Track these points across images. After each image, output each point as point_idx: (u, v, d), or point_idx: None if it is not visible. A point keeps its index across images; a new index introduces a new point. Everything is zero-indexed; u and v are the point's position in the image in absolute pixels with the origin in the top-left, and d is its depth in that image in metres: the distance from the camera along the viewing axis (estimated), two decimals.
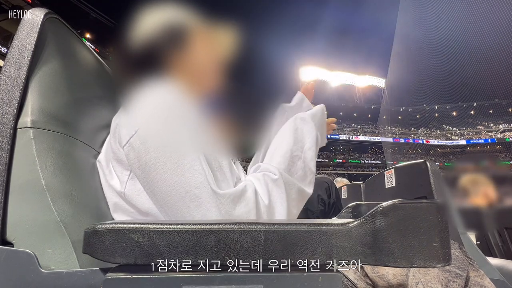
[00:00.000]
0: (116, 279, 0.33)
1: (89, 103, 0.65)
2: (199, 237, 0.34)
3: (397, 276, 0.63)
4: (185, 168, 0.50)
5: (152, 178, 0.51)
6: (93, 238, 0.34)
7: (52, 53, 0.56)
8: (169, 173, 0.50)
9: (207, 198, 0.49)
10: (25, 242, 0.45)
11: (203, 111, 0.59)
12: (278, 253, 0.34)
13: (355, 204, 0.60)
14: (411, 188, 1.26)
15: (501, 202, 1.38)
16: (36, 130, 0.50)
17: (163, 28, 0.64)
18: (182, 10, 0.68)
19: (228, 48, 0.69)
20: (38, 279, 0.41)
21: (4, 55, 14.43)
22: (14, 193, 0.47)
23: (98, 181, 0.60)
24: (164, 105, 0.53)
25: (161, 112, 0.52)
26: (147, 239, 0.34)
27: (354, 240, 0.34)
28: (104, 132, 0.66)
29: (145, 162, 0.51)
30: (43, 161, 0.49)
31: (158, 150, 0.50)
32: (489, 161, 1.48)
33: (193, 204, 0.49)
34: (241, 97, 0.65)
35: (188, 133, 0.53)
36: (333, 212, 2.12)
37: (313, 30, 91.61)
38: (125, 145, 0.53)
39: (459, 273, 0.60)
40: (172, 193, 0.50)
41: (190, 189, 0.49)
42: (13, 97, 0.49)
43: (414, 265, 0.33)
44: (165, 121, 0.52)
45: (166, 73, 0.63)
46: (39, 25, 0.53)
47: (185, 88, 0.62)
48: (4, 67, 0.50)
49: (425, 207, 0.34)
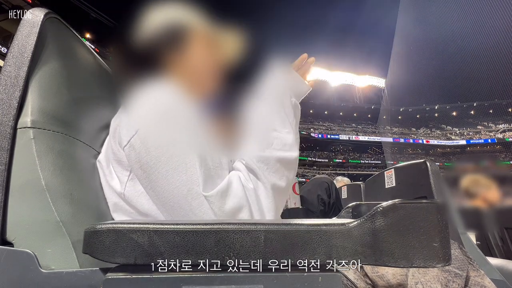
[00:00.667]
0: (116, 279, 0.33)
1: (89, 103, 0.65)
2: (199, 237, 0.34)
3: (397, 276, 0.63)
4: (187, 166, 0.50)
5: (154, 177, 0.51)
6: (93, 238, 0.34)
7: (52, 53, 0.56)
8: (170, 172, 0.50)
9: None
10: (25, 242, 0.45)
11: (202, 111, 0.59)
12: (278, 253, 0.34)
13: (355, 204, 0.60)
14: (411, 188, 1.26)
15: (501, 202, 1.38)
16: (36, 130, 0.50)
17: (166, 28, 0.64)
18: (186, 11, 0.67)
19: (231, 52, 0.68)
20: (38, 279, 0.41)
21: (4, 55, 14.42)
22: (14, 193, 0.47)
23: (98, 181, 0.60)
24: (164, 105, 0.53)
25: (160, 112, 0.53)
26: (147, 239, 0.34)
27: (354, 240, 0.34)
28: (104, 132, 0.66)
29: (146, 162, 0.51)
30: (43, 161, 0.49)
31: (159, 150, 0.51)
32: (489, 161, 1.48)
33: (196, 202, 0.49)
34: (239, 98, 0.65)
35: (188, 132, 0.53)
36: (333, 212, 2.12)
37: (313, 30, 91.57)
38: (126, 146, 0.53)
39: (458, 273, 0.60)
40: (174, 191, 0.50)
41: (192, 186, 0.50)
42: (13, 97, 0.49)
43: (414, 265, 0.33)
44: (165, 120, 0.52)
45: (166, 73, 0.63)
46: (39, 25, 0.53)
47: (184, 88, 0.62)
48: (4, 67, 0.50)
49: (425, 207, 0.34)
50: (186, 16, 0.67)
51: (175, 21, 0.66)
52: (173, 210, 0.51)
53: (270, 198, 0.55)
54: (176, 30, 0.65)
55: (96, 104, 0.68)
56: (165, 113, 0.53)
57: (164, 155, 0.50)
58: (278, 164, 0.57)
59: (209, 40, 0.68)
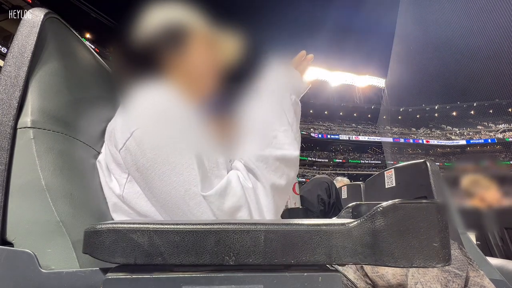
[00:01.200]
0: (116, 279, 0.33)
1: (89, 103, 0.65)
2: (199, 237, 0.34)
3: (397, 276, 0.63)
4: (183, 167, 0.50)
5: (151, 179, 0.51)
6: (93, 238, 0.34)
7: (52, 53, 0.56)
8: (167, 173, 0.50)
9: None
10: (25, 242, 0.45)
11: (200, 111, 0.59)
12: (278, 253, 0.34)
13: (355, 204, 0.60)
14: (411, 188, 1.26)
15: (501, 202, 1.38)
16: (36, 130, 0.50)
17: (165, 28, 0.64)
18: (186, 12, 0.67)
19: (230, 54, 0.68)
20: (38, 279, 0.41)
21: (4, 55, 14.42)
22: (14, 193, 0.47)
23: (98, 181, 0.60)
24: (159, 106, 0.53)
25: (155, 113, 0.52)
26: (147, 239, 0.34)
27: (354, 240, 0.34)
28: (104, 132, 0.66)
29: (142, 164, 0.51)
30: (43, 161, 0.49)
31: (154, 151, 0.51)
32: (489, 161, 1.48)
33: (193, 202, 0.49)
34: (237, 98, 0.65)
35: (184, 132, 0.53)
36: (333, 212, 2.12)
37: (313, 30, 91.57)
38: (122, 149, 0.53)
39: (458, 273, 0.60)
40: (171, 192, 0.50)
41: (190, 187, 0.49)
42: (13, 97, 0.49)
43: (414, 265, 0.33)
44: (160, 121, 0.52)
45: (165, 73, 0.63)
46: (39, 25, 0.53)
47: (182, 89, 0.62)
48: (4, 67, 0.50)
49: (425, 207, 0.34)
50: (186, 17, 0.67)
51: (175, 22, 0.65)
52: (171, 211, 0.51)
53: (269, 197, 0.55)
54: (176, 30, 0.65)
55: (96, 104, 0.68)
56: (160, 115, 0.52)
57: (160, 157, 0.50)
58: (278, 163, 0.57)
59: (209, 40, 0.68)
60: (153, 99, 0.54)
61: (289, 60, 0.70)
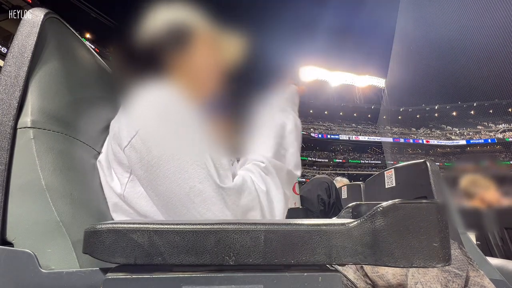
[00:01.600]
0: (116, 279, 0.33)
1: (89, 103, 0.65)
2: (199, 237, 0.34)
3: (397, 276, 0.63)
4: (188, 164, 0.50)
5: (155, 177, 0.51)
6: (93, 238, 0.34)
7: (52, 53, 0.56)
8: (172, 170, 0.50)
9: (211, 192, 0.50)
10: (25, 242, 0.45)
11: (203, 111, 0.59)
12: (278, 253, 0.34)
13: (355, 204, 0.60)
14: (411, 188, 1.26)
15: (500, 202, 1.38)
16: (36, 130, 0.50)
17: (169, 29, 0.64)
18: (190, 12, 0.67)
19: (233, 55, 0.69)
20: (38, 279, 0.41)
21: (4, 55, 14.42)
22: (14, 193, 0.47)
23: (98, 181, 0.60)
24: (164, 105, 0.53)
25: (161, 111, 0.53)
26: (147, 239, 0.34)
27: (354, 240, 0.34)
28: (104, 132, 0.66)
29: (147, 161, 0.51)
30: (43, 161, 0.49)
31: (160, 149, 0.51)
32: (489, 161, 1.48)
33: (198, 199, 0.50)
34: (240, 99, 0.65)
35: (189, 131, 0.53)
36: (333, 212, 2.12)
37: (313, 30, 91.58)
38: (126, 147, 0.53)
39: (458, 273, 0.60)
40: (176, 190, 0.50)
41: (194, 184, 0.50)
42: (13, 97, 0.49)
43: (414, 265, 0.33)
44: (165, 119, 0.52)
45: (168, 73, 0.63)
46: (39, 25, 0.53)
47: (186, 89, 0.62)
48: (4, 67, 0.50)
49: (425, 207, 0.34)
50: (189, 17, 0.67)
51: (178, 22, 0.66)
52: (174, 209, 0.51)
53: (281, 202, 0.57)
54: (180, 30, 0.65)
55: (96, 104, 0.68)
56: (165, 113, 0.53)
57: (166, 154, 0.51)
58: (287, 176, 0.62)
59: (212, 41, 0.68)
60: (158, 97, 0.54)
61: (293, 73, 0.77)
